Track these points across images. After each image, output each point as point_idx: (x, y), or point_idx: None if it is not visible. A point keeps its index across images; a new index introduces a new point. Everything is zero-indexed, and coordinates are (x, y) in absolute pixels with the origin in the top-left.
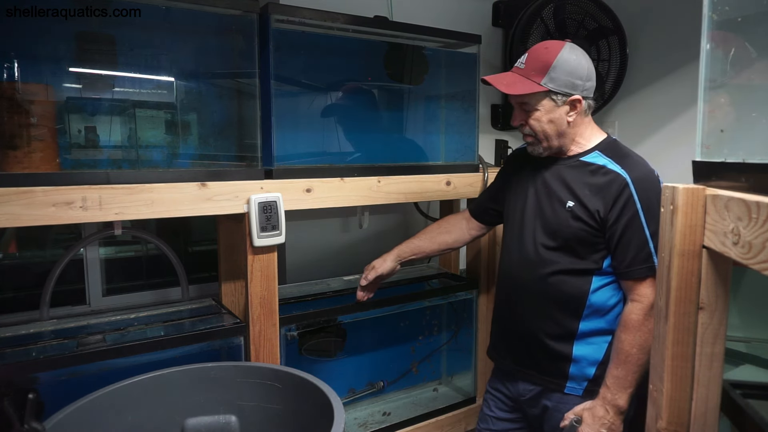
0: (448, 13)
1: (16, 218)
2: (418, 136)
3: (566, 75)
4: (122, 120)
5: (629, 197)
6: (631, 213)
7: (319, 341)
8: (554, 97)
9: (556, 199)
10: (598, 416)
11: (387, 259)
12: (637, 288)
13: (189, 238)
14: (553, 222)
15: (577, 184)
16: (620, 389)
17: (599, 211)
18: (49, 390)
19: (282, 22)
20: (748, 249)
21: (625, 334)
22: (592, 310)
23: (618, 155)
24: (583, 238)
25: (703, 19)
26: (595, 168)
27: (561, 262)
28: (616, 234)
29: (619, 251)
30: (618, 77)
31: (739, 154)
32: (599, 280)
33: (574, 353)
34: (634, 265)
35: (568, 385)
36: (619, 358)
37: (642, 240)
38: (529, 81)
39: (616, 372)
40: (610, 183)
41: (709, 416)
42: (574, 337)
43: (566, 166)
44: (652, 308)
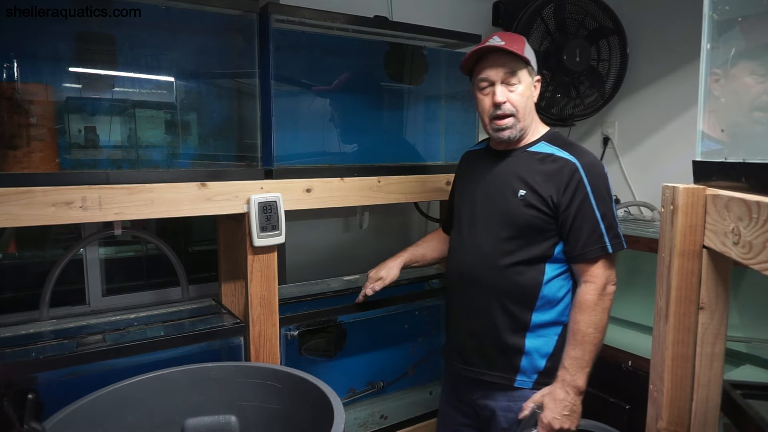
0: (448, 13)
1: (16, 218)
2: (418, 136)
3: (533, 56)
4: (122, 120)
5: (579, 181)
6: (582, 196)
7: (319, 341)
8: (531, 71)
9: (508, 190)
10: (559, 399)
11: (393, 267)
12: (590, 269)
13: (189, 238)
14: (507, 212)
15: (527, 172)
16: (578, 369)
17: (552, 197)
18: (49, 390)
19: (282, 22)
20: (748, 249)
21: (581, 315)
22: (545, 301)
23: (564, 144)
24: (537, 225)
25: (703, 19)
26: (543, 156)
27: (515, 253)
28: (569, 218)
29: (572, 235)
30: (618, 77)
31: (739, 154)
32: (551, 270)
33: (526, 346)
34: (587, 247)
35: (518, 378)
36: (575, 338)
37: (594, 222)
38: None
39: (574, 353)
40: (561, 169)
41: (709, 416)
42: (526, 329)
43: (515, 157)
44: (604, 288)
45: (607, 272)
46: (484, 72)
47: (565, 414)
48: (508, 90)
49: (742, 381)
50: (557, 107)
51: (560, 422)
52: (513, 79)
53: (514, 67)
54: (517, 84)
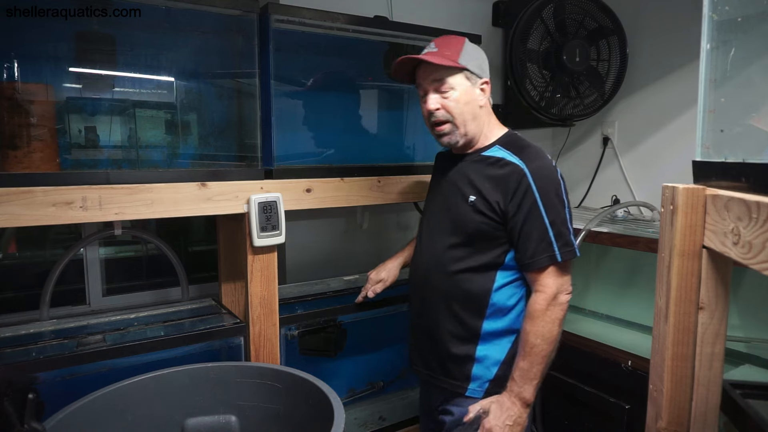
0: (448, 13)
1: (16, 218)
2: (418, 135)
3: (475, 57)
4: (122, 120)
5: (528, 187)
6: (530, 203)
7: (319, 341)
8: (469, 76)
9: (460, 195)
10: (505, 407)
11: (393, 268)
12: (540, 278)
13: (189, 238)
14: (458, 218)
15: (478, 178)
16: (526, 381)
17: (499, 203)
18: (49, 390)
19: (282, 22)
20: (748, 249)
21: (529, 325)
22: (495, 309)
23: (516, 147)
24: (486, 232)
25: (703, 19)
26: (494, 160)
27: (465, 259)
28: (517, 225)
29: (521, 242)
30: (618, 77)
31: (739, 154)
32: (502, 278)
33: (477, 353)
34: (536, 255)
35: (469, 387)
36: (524, 349)
37: (542, 230)
38: (446, 59)
39: (522, 364)
40: (509, 175)
41: (709, 416)
42: (478, 336)
43: (469, 161)
44: (554, 298)
45: (558, 281)
46: (418, 80)
47: (508, 424)
48: (442, 97)
49: (742, 381)
50: (557, 107)
51: (501, 430)
52: (444, 86)
53: (444, 74)
54: (449, 90)
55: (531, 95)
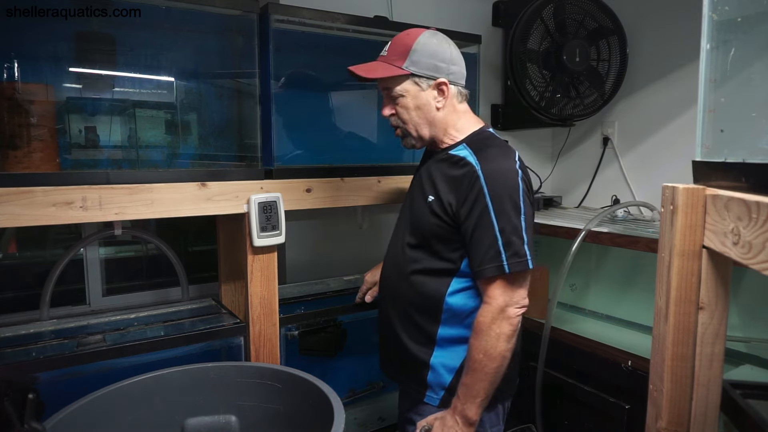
0: (448, 13)
1: (16, 218)
2: None
3: (428, 57)
4: (122, 120)
5: (480, 191)
6: (481, 208)
7: (319, 341)
8: (417, 80)
9: (421, 195)
10: (448, 426)
11: None
12: (488, 289)
13: (189, 238)
14: (416, 218)
15: (439, 177)
16: (469, 398)
17: (452, 205)
18: (49, 390)
19: (282, 22)
20: (748, 249)
21: (474, 339)
22: (450, 314)
23: (478, 147)
24: (440, 234)
25: (703, 19)
26: (456, 160)
27: (421, 261)
28: (468, 230)
29: (472, 249)
30: (618, 77)
31: (739, 154)
32: (458, 283)
33: (432, 360)
34: (483, 264)
35: (427, 394)
36: (468, 365)
37: (492, 237)
38: (390, 66)
39: (465, 380)
40: (464, 176)
41: (708, 416)
42: (433, 342)
43: (435, 160)
44: (501, 311)
45: (506, 294)
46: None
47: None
48: (394, 102)
49: (742, 381)
50: (557, 107)
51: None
52: (392, 93)
53: (389, 83)
54: (399, 97)
55: (531, 95)
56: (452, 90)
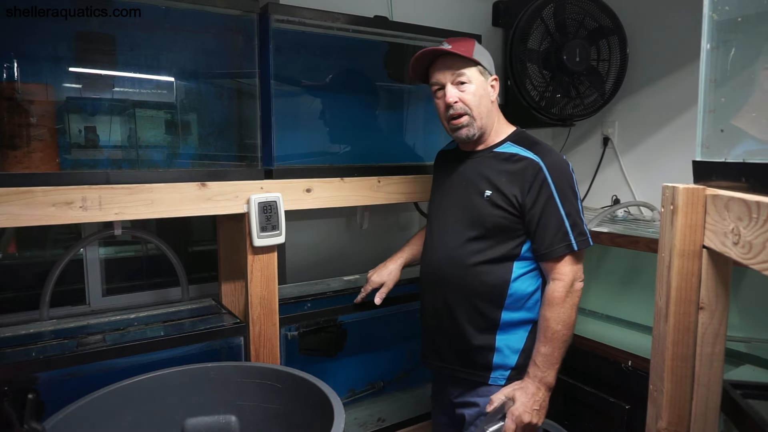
0: (448, 13)
1: (16, 218)
2: (418, 135)
3: (485, 57)
4: (122, 120)
5: (544, 180)
6: (546, 195)
7: (319, 341)
8: (482, 71)
9: (475, 190)
10: (530, 393)
11: (394, 270)
12: (557, 267)
13: (189, 238)
14: (474, 212)
15: (492, 173)
16: (548, 366)
17: (516, 196)
18: (49, 390)
19: (282, 22)
20: (748, 249)
21: (550, 312)
22: (513, 299)
23: (528, 143)
24: (503, 225)
25: (703, 19)
26: (507, 156)
27: (483, 252)
28: (535, 217)
29: (538, 234)
30: (618, 77)
31: (739, 154)
32: (519, 268)
33: (497, 343)
34: (553, 245)
35: (492, 375)
36: (545, 335)
37: (559, 221)
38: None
39: (544, 350)
40: (525, 169)
41: (709, 416)
42: (497, 327)
43: (482, 158)
44: (572, 285)
45: (574, 269)
46: (434, 76)
47: (535, 408)
48: (459, 90)
49: (742, 381)
50: (557, 107)
51: (530, 416)
52: (462, 78)
53: (462, 67)
54: (467, 83)
55: (531, 95)
56: (497, 89)
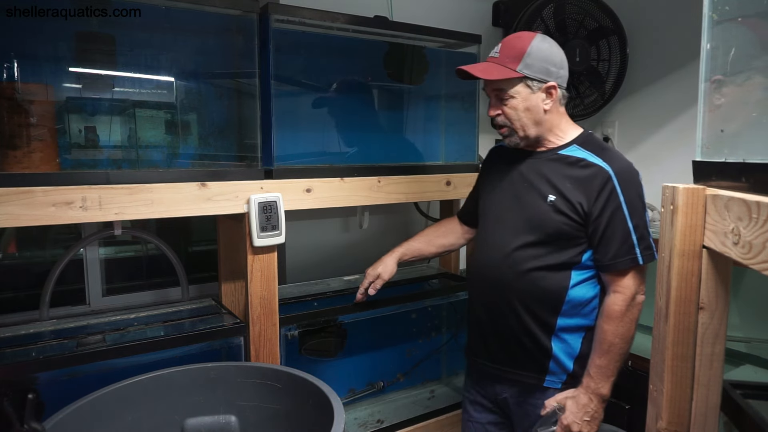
0: (448, 13)
1: (16, 218)
2: (418, 136)
3: (541, 61)
4: (122, 120)
5: (612, 190)
6: (614, 206)
7: (319, 341)
8: (530, 83)
9: (537, 194)
10: (582, 404)
11: (389, 263)
12: (620, 280)
13: (189, 238)
14: (535, 217)
15: (557, 177)
16: (603, 378)
17: (582, 204)
18: (49, 390)
19: (282, 22)
20: (748, 249)
21: (608, 325)
22: (571, 305)
23: (597, 148)
24: (566, 232)
25: (703, 19)
26: (574, 160)
27: (542, 258)
28: (600, 227)
29: (602, 244)
30: (618, 77)
31: (739, 154)
32: (577, 275)
33: (553, 349)
34: (618, 257)
35: (547, 379)
36: (602, 348)
37: (625, 233)
38: (504, 68)
39: (600, 362)
40: (593, 176)
41: (709, 416)
42: (552, 332)
43: (544, 159)
44: (633, 299)
45: (636, 283)
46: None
47: (586, 420)
48: (502, 103)
49: (742, 381)
50: None
51: (579, 426)
52: (503, 94)
53: (502, 85)
54: (509, 99)
55: None
56: (558, 93)
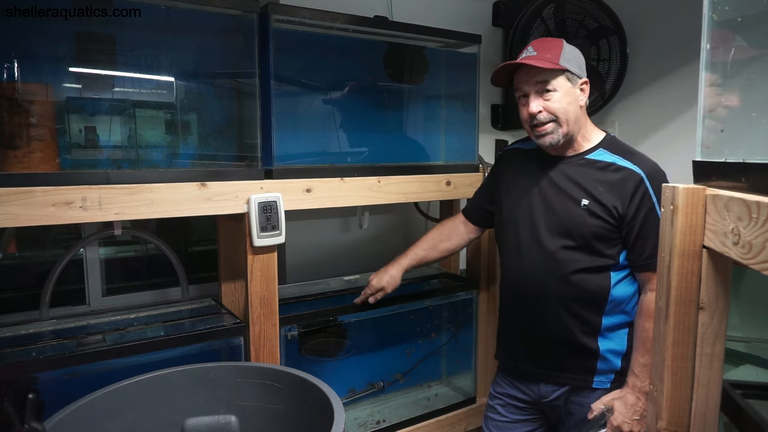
0: (448, 13)
1: (16, 218)
2: (418, 136)
3: (575, 59)
4: (122, 120)
5: (645, 192)
6: (648, 207)
7: (319, 341)
8: (570, 77)
9: (569, 198)
10: (630, 404)
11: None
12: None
13: (189, 238)
14: (569, 221)
15: (588, 181)
16: (648, 376)
17: (617, 208)
18: (49, 390)
19: (282, 22)
20: (748, 249)
21: (648, 323)
22: (614, 304)
23: (624, 152)
24: (601, 235)
25: (703, 19)
26: (603, 165)
27: (581, 261)
28: (634, 228)
29: (637, 245)
30: (618, 77)
31: (739, 154)
32: (617, 275)
33: (601, 348)
34: (653, 257)
35: (595, 379)
36: (645, 346)
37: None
38: (548, 62)
39: (643, 360)
40: (626, 179)
41: (709, 416)
42: (598, 332)
43: (572, 164)
44: None
45: None
46: (518, 84)
47: (636, 419)
48: (543, 99)
49: (742, 381)
50: None
51: (630, 426)
52: (547, 87)
53: (547, 76)
54: (552, 92)
55: None
56: (587, 92)
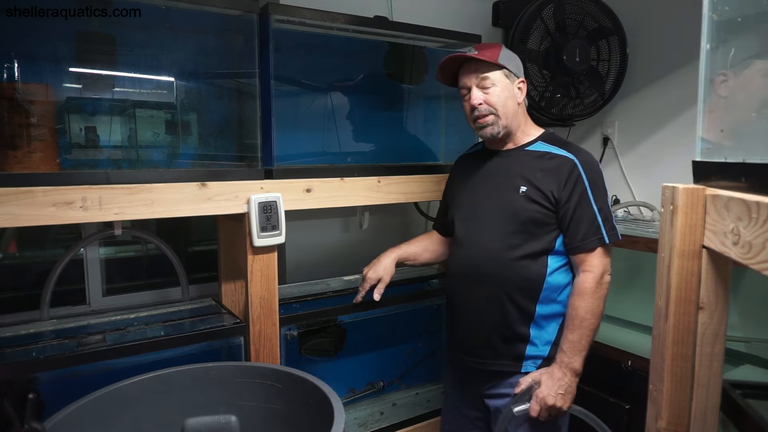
0: (448, 13)
1: (16, 218)
2: (418, 135)
3: (513, 60)
4: (122, 120)
5: (578, 177)
6: (581, 191)
7: (319, 341)
8: (508, 74)
9: (509, 187)
10: (556, 378)
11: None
12: (588, 259)
13: (189, 238)
14: (509, 208)
15: (526, 170)
16: (576, 353)
17: (553, 192)
18: (49, 390)
19: (282, 22)
20: (748, 249)
21: (579, 301)
22: (548, 292)
23: (560, 143)
24: (539, 219)
25: (703, 19)
26: (540, 154)
27: (521, 246)
28: (569, 212)
29: (572, 227)
30: (618, 77)
31: (739, 154)
32: (554, 262)
33: (531, 335)
34: (587, 238)
35: (524, 364)
36: (573, 323)
37: (591, 215)
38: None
39: (572, 336)
40: (560, 166)
41: (709, 416)
42: (531, 320)
43: (512, 157)
44: (602, 277)
45: (604, 262)
46: (461, 80)
47: (560, 393)
48: (483, 92)
49: (742, 381)
50: (557, 107)
51: (554, 399)
52: (486, 82)
53: (487, 71)
54: (491, 87)
55: (531, 95)
56: (524, 91)
